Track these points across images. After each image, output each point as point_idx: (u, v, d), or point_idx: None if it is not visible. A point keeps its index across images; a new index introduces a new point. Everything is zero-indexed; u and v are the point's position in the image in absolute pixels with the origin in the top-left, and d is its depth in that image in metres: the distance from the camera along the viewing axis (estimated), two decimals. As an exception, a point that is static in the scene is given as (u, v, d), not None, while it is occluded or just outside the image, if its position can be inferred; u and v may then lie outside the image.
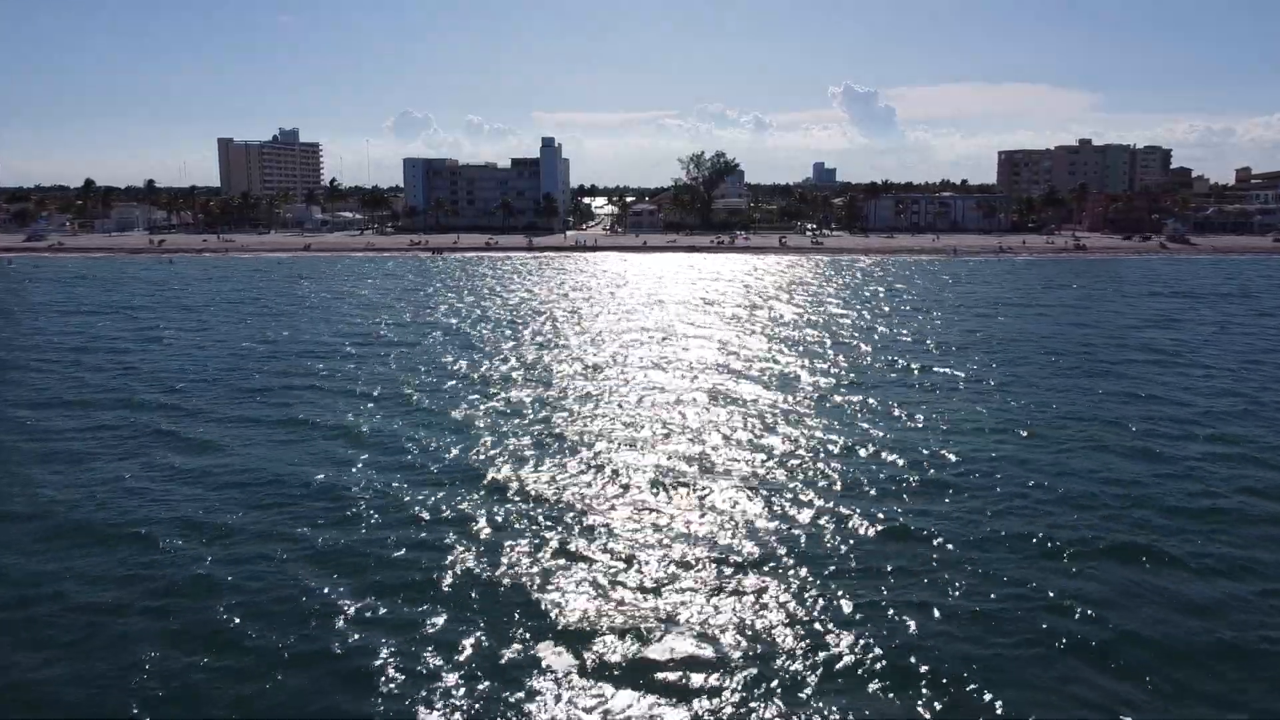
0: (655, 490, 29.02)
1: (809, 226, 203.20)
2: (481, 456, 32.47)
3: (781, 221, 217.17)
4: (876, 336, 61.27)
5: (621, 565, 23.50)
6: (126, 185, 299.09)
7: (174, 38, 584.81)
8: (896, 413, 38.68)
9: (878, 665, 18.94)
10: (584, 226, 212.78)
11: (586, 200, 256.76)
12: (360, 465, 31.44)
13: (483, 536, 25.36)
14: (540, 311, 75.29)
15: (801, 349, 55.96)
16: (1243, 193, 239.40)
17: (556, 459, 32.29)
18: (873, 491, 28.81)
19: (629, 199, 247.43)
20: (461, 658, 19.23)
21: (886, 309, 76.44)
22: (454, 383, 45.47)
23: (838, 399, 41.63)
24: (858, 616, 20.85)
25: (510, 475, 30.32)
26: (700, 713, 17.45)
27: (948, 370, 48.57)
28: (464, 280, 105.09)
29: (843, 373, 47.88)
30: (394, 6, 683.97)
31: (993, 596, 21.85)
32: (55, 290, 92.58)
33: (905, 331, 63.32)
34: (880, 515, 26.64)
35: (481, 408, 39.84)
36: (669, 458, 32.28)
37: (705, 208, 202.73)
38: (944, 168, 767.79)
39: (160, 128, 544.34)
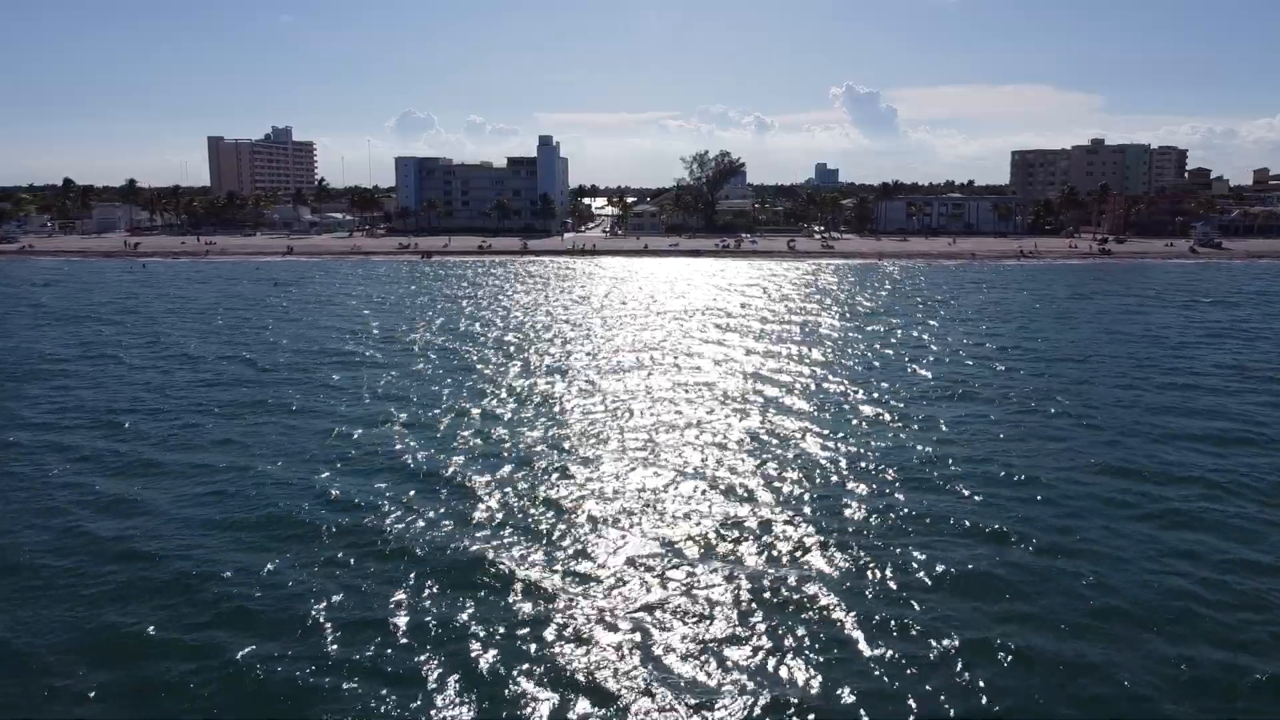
0: (707, 519, 26.65)
1: (817, 229, 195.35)
2: (492, 486, 29.28)
3: (787, 223, 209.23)
4: (945, 355, 54.50)
5: (651, 595, 21.68)
6: (120, 184, 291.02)
7: (178, 38, 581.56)
8: (987, 454, 33.28)
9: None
10: (583, 228, 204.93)
11: (586, 201, 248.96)
12: (341, 487, 29.03)
13: (493, 567, 23.27)
14: (543, 329, 67.80)
15: (865, 370, 49.38)
16: (1262, 194, 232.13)
17: (578, 489, 29.30)
18: (963, 526, 25.70)
19: (630, 200, 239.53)
20: (462, 681, 18.19)
21: (965, 335, 66.52)
22: (448, 407, 38.77)
23: (903, 425, 37.07)
24: (924, 673, 18.50)
25: (529, 505, 27.76)
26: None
27: (1021, 397, 42.83)
28: (450, 288, 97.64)
29: (914, 400, 42.25)
30: (395, 6, 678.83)
31: (1102, 670, 18.64)
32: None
33: (968, 349, 56.54)
34: (963, 563, 23.46)
35: (485, 434, 35.43)
36: (715, 487, 29.47)
37: (709, 209, 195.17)
38: (946, 169, 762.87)
39: (162, 127, 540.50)
